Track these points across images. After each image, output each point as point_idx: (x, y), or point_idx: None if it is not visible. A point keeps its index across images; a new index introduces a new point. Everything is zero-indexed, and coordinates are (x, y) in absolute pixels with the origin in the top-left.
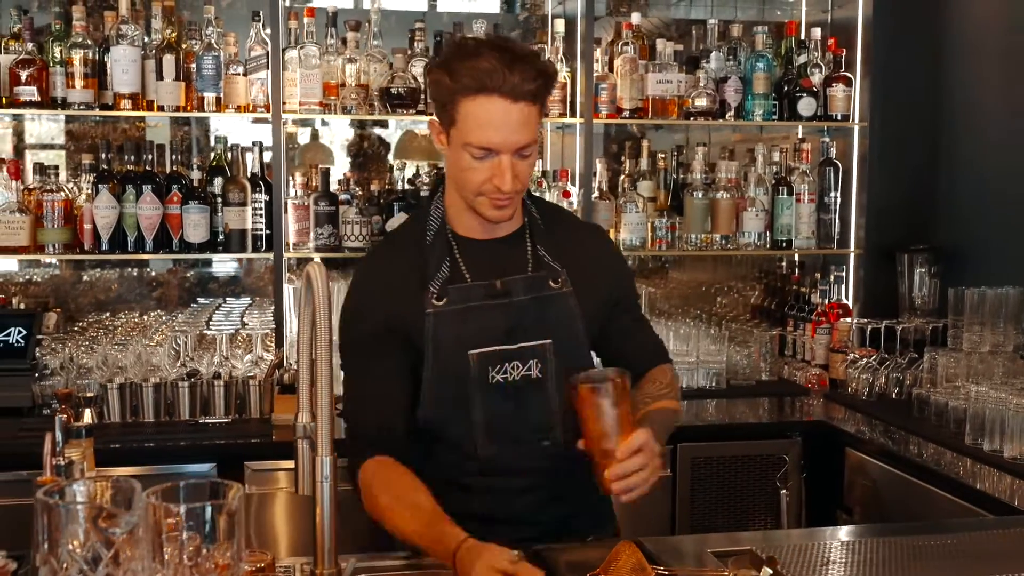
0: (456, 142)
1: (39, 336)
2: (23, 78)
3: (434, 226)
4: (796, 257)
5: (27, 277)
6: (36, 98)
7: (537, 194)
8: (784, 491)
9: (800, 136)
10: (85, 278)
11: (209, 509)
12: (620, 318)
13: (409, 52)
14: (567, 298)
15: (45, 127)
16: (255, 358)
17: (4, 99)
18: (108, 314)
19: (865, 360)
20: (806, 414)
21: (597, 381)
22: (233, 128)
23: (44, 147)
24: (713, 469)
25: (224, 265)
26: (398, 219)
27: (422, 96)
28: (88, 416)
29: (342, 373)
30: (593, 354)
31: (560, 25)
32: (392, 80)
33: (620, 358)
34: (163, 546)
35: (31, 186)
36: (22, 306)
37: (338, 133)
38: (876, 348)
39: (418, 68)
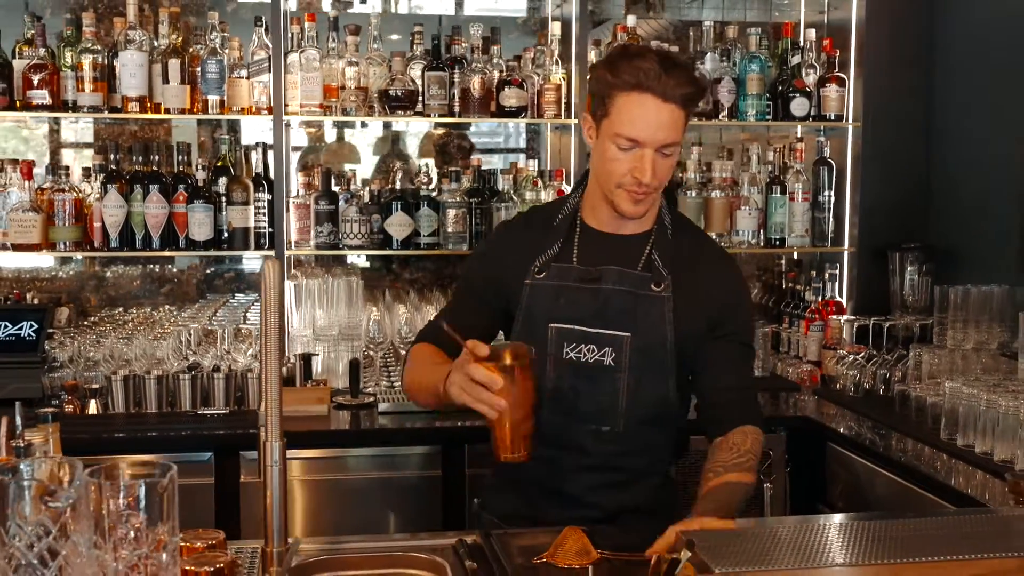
0: (606, 133)
1: (50, 330)
2: (35, 82)
3: (566, 212)
4: (795, 255)
5: (45, 274)
6: (48, 101)
7: (531, 193)
8: (767, 485)
9: (799, 136)
10: (99, 275)
11: (143, 487)
12: (718, 343)
13: (408, 55)
14: (663, 302)
15: (82, 127)
16: (256, 352)
17: (18, 102)
18: (121, 309)
19: (853, 357)
20: (792, 410)
21: (495, 359)
22: (263, 130)
23: (83, 146)
24: (698, 461)
25: (232, 262)
26: (397, 217)
27: (419, 98)
28: (93, 406)
29: None
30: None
31: (556, 28)
32: (391, 82)
33: (707, 391)
34: (105, 521)
35: (43, 186)
36: (36, 301)
37: (370, 133)
38: (869, 345)
39: (416, 71)
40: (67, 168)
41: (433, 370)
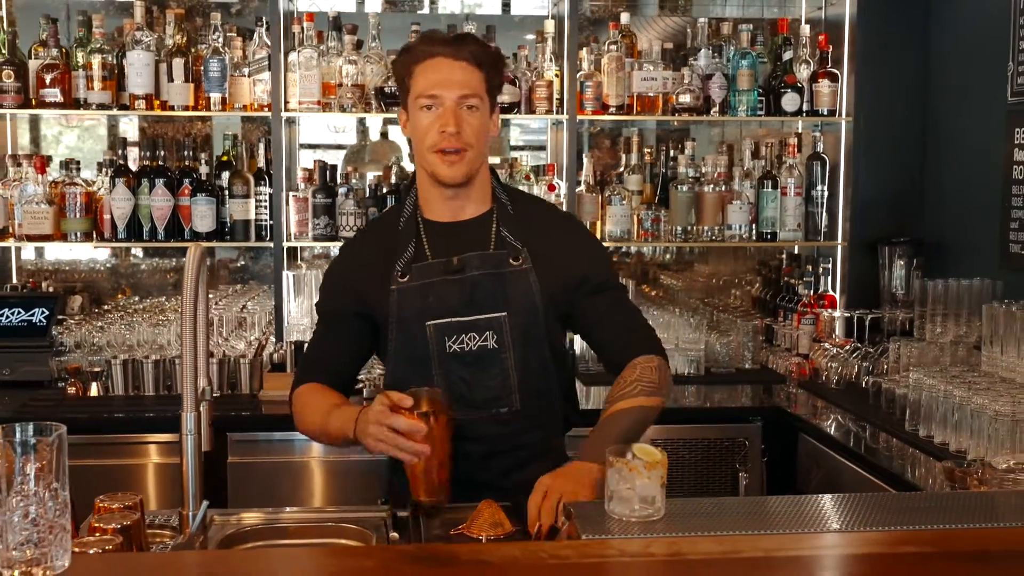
0: (412, 108)
1: (60, 317)
2: (47, 81)
3: (407, 213)
4: (796, 249)
5: (83, 266)
6: (59, 99)
7: (524, 187)
8: (743, 473)
9: (799, 130)
10: (112, 265)
11: (33, 444)
12: (591, 299)
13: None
14: (526, 275)
15: (135, 125)
16: (252, 338)
17: (34, 100)
18: (136, 298)
19: (836, 350)
20: (770, 401)
21: (415, 407)
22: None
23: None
24: (671, 451)
25: (250, 254)
26: None
27: None
28: (95, 389)
29: None
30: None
31: (550, 26)
32: (387, 80)
33: (599, 344)
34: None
35: (56, 179)
36: (51, 289)
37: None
38: (856, 338)
39: None
40: (78, 163)
41: (333, 414)
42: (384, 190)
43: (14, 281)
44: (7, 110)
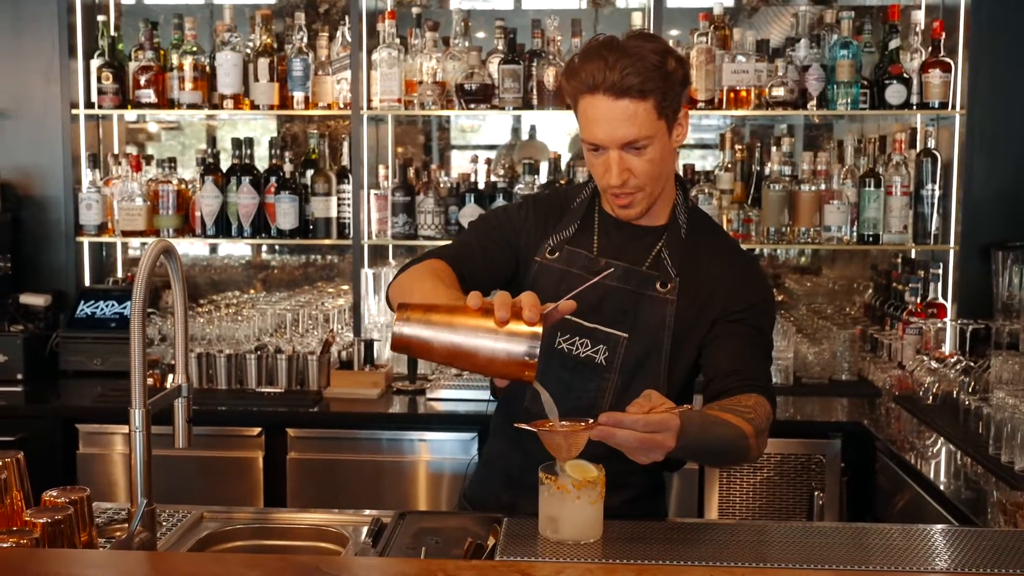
0: (581, 137)
1: (149, 311)
2: (142, 82)
3: (584, 195)
4: (912, 253)
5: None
6: (153, 100)
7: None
8: (819, 493)
9: (915, 124)
10: (207, 261)
11: None
12: (727, 325)
13: (483, 50)
14: (665, 305)
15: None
16: (321, 337)
17: (131, 101)
18: (230, 293)
19: (935, 363)
20: (856, 416)
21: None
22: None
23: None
24: (737, 467)
25: (326, 250)
26: (469, 209)
27: (495, 91)
28: (170, 381)
29: None
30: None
31: (638, 19)
32: (470, 76)
33: (712, 378)
34: None
35: (151, 177)
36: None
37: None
38: (965, 350)
39: (493, 65)
40: (173, 161)
41: (450, 290)
42: (464, 188)
43: (119, 275)
44: (107, 110)
